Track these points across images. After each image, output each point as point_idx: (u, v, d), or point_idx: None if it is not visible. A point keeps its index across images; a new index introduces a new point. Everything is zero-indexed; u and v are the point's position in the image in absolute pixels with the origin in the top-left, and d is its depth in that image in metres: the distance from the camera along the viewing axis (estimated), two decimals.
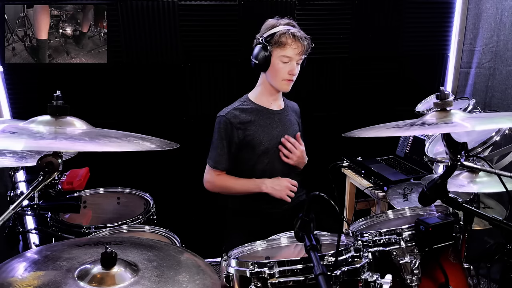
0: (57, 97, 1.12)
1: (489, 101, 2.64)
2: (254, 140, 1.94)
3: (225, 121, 1.93)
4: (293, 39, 1.84)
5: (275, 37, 1.85)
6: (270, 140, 1.96)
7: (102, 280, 1.00)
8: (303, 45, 1.86)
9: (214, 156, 1.97)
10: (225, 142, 1.94)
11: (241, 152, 1.97)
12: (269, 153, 1.97)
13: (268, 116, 1.98)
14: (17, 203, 1.04)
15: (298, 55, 1.87)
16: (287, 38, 1.84)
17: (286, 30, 1.85)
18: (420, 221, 1.40)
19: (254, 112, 1.97)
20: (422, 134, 2.49)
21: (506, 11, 2.49)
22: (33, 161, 1.16)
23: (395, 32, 2.83)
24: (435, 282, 1.46)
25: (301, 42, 1.85)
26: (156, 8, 2.53)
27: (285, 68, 1.88)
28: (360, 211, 2.76)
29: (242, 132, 1.93)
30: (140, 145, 1.13)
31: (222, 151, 1.94)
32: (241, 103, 2.00)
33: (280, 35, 1.85)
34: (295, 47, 1.86)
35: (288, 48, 1.85)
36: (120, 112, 2.67)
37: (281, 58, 1.87)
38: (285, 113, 2.04)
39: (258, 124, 1.95)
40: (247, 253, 1.43)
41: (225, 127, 1.93)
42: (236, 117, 1.94)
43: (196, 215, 2.86)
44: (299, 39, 1.85)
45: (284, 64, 1.88)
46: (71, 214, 1.98)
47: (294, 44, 1.85)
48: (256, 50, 1.91)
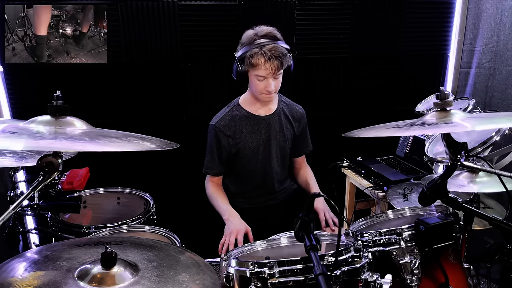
0: (57, 97, 1.12)
1: (489, 101, 2.64)
2: (243, 147, 1.99)
3: (214, 130, 1.99)
4: (264, 59, 1.78)
5: (246, 57, 1.81)
6: (258, 145, 2.01)
7: (102, 280, 1.00)
8: (274, 65, 1.79)
9: (206, 162, 2.06)
10: (215, 149, 2.00)
11: (233, 158, 2.03)
12: (259, 157, 2.02)
13: (255, 122, 2.00)
14: (17, 203, 1.04)
15: (271, 74, 1.82)
16: (258, 59, 1.79)
17: (258, 50, 1.78)
18: (420, 221, 1.40)
19: (242, 118, 2.00)
20: (422, 134, 2.49)
21: (506, 11, 2.49)
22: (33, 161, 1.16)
23: (395, 32, 2.83)
24: (435, 282, 1.45)
25: (271, 62, 1.78)
26: (156, 8, 2.53)
27: (261, 84, 1.86)
28: (360, 211, 2.76)
29: (232, 140, 1.99)
30: (140, 145, 1.13)
31: (213, 157, 2.02)
32: (230, 109, 2.03)
33: (251, 56, 1.79)
34: (267, 67, 1.80)
35: (260, 68, 1.80)
36: (120, 112, 2.67)
37: (256, 77, 1.84)
38: (274, 117, 2.03)
39: (246, 130, 1.99)
40: (247, 253, 1.43)
41: (215, 136, 1.99)
42: (225, 126, 1.98)
43: (196, 215, 2.86)
44: (268, 59, 1.77)
45: (260, 82, 1.85)
46: (71, 214, 1.98)
47: (266, 64, 1.79)
48: (234, 67, 1.90)
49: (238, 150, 2.00)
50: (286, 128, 2.06)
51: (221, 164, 2.03)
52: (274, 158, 2.05)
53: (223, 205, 1.98)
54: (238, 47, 1.90)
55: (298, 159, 2.20)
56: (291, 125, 2.09)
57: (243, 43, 1.87)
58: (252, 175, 2.06)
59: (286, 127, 2.07)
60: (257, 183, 2.08)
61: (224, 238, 1.83)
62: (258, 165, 2.04)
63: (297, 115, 2.11)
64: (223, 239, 1.82)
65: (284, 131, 2.05)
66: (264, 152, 2.02)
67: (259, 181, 2.08)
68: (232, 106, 2.04)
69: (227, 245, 1.78)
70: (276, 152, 2.05)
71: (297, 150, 2.15)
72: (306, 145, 2.18)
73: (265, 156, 2.03)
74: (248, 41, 1.85)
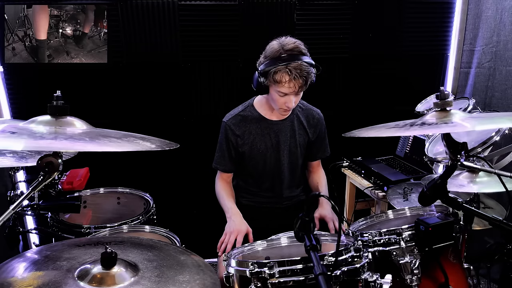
0: (57, 97, 1.12)
1: (489, 101, 2.64)
2: (251, 148, 1.99)
3: (225, 127, 1.99)
4: (288, 78, 1.74)
5: (270, 73, 1.76)
6: (266, 148, 1.99)
7: (102, 280, 1.00)
8: (298, 83, 1.76)
9: (216, 158, 2.05)
10: (225, 146, 2.00)
11: (242, 157, 2.02)
12: (267, 160, 2.01)
13: (266, 125, 1.99)
14: (17, 203, 1.04)
15: (294, 92, 1.80)
16: (282, 77, 1.75)
17: (283, 68, 1.74)
18: (420, 221, 1.40)
19: (254, 120, 1.99)
20: (422, 134, 2.49)
21: (506, 11, 2.49)
22: (33, 161, 1.16)
23: (395, 32, 2.83)
24: (435, 282, 1.46)
25: (295, 80, 1.74)
26: (156, 8, 2.53)
27: (281, 100, 1.82)
28: (360, 211, 2.76)
29: (240, 140, 1.98)
30: (140, 145, 1.13)
31: (223, 154, 2.02)
32: (244, 109, 2.02)
33: (275, 73, 1.75)
34: (291, 86, 1.76)
35: (283, 86, 1.77)
36: (120, 112, 2.67)
37: (277, 92, 1.80)
38: (286, 123, 2.00)
39: (256, 133, 1.98)
40: (247, 253, 1.43)
41: (225, 133, 1.99)
42: (236, 124, 1.98)
43: (196, 215, 2.86)
44: (293, 78, 1.74)
45: (281, 97, 1.82)
46: (71, 214, 1.98)
47: (290, 83, 1.75)
48: (254, 78, 1.86)
49: (246, 150, 1.99)
50: (298, 134, 2.03)
51: (230, 161, 2.02)
52: (283, 163, 2.02)
53: (228, 203, 1.97)
54: (261, 58, 1.85)
55: (313, 163, 2.17)
56: (305, 131, 2.05)
57: (267, 56, 1.81)
58: (261, 177, 2.05)
59: (299, 133, 2.03)
60: (265, 186, 2.07)
61: (224, 236, 1.82)
62: (267, 168, 2.02)
63: (313, 120, 2.06)
64: (222, 237, 1.82)
65: (296, 137, 2.02)
66: (272, 156, 2.01)
67: (267, 184, 2.06)
68: (245, 106, 2.03)
69: (225, 244, 1.77)
70: (285, 158, 2.02)
71: (312, 155, 2.12)
72: (322, 151, 2.14)
73: (274, 160, 2.01)
74: (273, 54, 1.78)
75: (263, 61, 1.83)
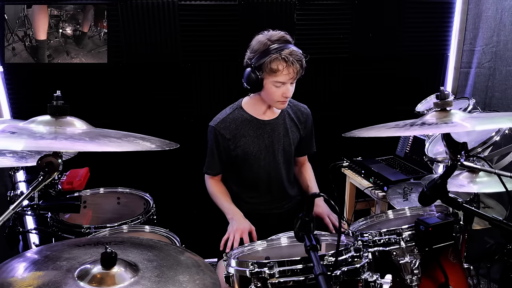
0: (57, 97, 1.12)
1: (489, 101, 2.64)
2: (245, 151, 1.94)
3: (214, 132, 1.94)
4: (285, 64, 1.74)
5: (265, 63, 1.74)
6: (260, 150, 1.95)
7: (102, 280, 1.00)
8: (295, 69, 1.76)
9: (207, 163, 2.02)
10: (215, 150, 1.96)
11: (233, 160, 1.98)
12: (261, 163, 1.97)
13: (258, 126, 1.95)
14: (17, 203, 1.04)
15: (291, 79, 1.79)
16: (278, 65, 1.74)
17: (277, 56, 1.73)
18: (420, 221, 1.40)
19: (244, 122, 1.94)
20: (422, 134, 2.49)
21: (506, 11, 2.49)
22: (33, 161, 1.16)
23: (395, 32, 2.83)
24: (435, 282, 1.46)
25: (293, 66, 1.74)
26: (156, 8, 2.53)
27: (279, 91, 1.80)
28: (360, 211, 2.76)
29: (232, 143, 1.94)
30: (140, 145, 1.13)
31: (213, 159, 1.98)
32: (232, 111, 1.97)
33: (271, 62, 1.73)
34: (288, 72, 1.75)
35: (281, 74, 1.75)
36: (120, 112, 2.67)
37: (273, 83, 1.79)
38: (279, 121, 1.98)
39: (248, 135, 1.94)
40: (247, 253, 1.43)
41: (215, 138, 1.94)
42: (226, 128, 1.93)
43: (196, 215, 2.86)
44: (291, 64, 1.73)
45: (277, 88, 1.80)
46: (71, 214, 1.98)
47: (286, 70, 1.75)
48: (246, 74, 1.82)
49: (238, 154, 1.94)
50: (291, 132, 2.01)
51: (222, 165, 2.00)
52: (279, 164, 1.99)
53: (226, 204, 1.94)
54: (249, 54, 1.83)
55: (300, 158, 2.16)
56: (297, 128, 2.03)
57: (256, 50, 1.79)
58: (256, 181, 2.00)
59: (292, 130, 2.01)
60: (262, 190, 2.02)
61: (227, 235, 1.78)
62: (261, 171, 1.97)
63: (302, 116, 2.05)
64: (226, 236, 1.78)
65: (289, 135, 2.00)
66: (266, 158, 1.96)
67: (264, 188, 2.02)
68: (234, 109, 1.98)
69: (231, 242, 1.74)
70: (281, 158, 1.99)
71: (300, 151, 2.11)
72: (310, 147, 2.13)
73: (268, 162, 1.97)
74: (262, 47, 1.77)
75: (252, 56, 1.81)
